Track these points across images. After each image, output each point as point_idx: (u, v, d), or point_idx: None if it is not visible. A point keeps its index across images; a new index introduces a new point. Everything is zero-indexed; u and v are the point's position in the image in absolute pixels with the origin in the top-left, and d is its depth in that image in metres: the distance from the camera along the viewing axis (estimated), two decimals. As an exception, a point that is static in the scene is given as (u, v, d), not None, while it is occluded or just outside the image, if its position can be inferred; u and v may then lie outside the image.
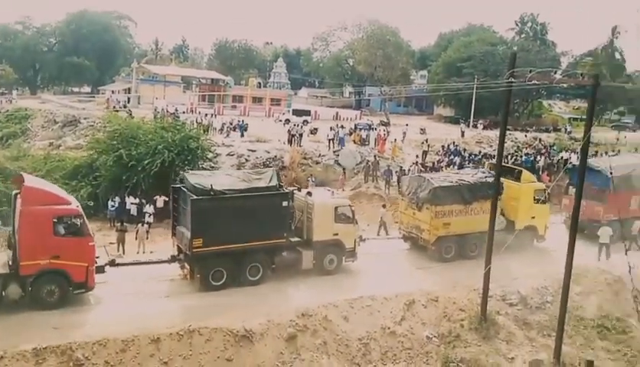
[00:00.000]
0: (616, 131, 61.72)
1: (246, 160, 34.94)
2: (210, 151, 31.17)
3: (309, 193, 21.14)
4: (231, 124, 44.20)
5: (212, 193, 18.32)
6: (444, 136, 47.81)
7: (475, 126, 57.38)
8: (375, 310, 17.79)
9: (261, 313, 16.59)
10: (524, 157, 39.41)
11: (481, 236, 20.43)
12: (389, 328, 17.33)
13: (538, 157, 40.67)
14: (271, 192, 19.15)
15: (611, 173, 26.00)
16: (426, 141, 42.38)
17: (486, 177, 24.02)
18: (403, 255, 23.83)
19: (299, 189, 22.00)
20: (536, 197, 24.76)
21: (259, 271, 19.20)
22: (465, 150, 41.56)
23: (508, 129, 49.90)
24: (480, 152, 40.56)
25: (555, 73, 15.91)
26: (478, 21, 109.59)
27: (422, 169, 34.74)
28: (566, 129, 61.23)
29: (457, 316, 18.26)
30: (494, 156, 22.82)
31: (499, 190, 21.09)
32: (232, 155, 35.16)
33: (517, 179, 24.91)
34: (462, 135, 49.40)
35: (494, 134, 45.68)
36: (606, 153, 41.54)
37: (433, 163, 36.81)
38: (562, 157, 41.27)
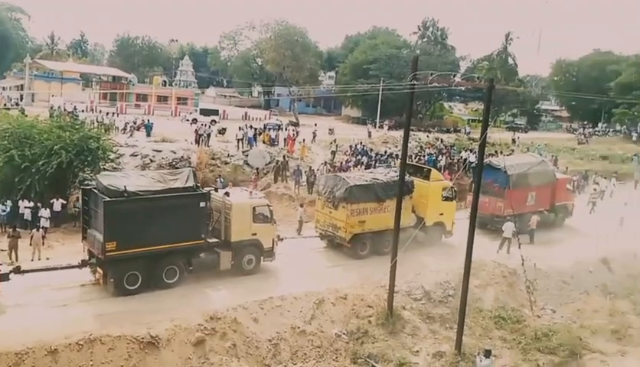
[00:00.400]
0: (511, 132, 65.71)
1: (151, 160, 33.84)
2: (112, 152, 29.90)
3: (227, 194, 20.97)
4: (135, 123, 42.62)
5: (126, 194, 17.69)
6: (352, 136, 48.72)
7: (381, 127, 58.97)
8: (285, 310, 17.80)
9: (171, 317, 16.13)
10: (426, 157, 40.97)
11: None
12: (299, 327, 17.40)
13: (440, 157, 42.45)
14: (188, 193, 18.85)
15: (505, 170, 27.87)
16: (335, 141, 43.01)
17: (398, 175, 24.59)
18: (319, 254, 24.10)
19: (216, 190, 21.73)
20: (444, 195, 25.88)
21: (176, 274, 18.86)
22: (371, 150, 42.57)
23: (412, 130, 52.39)
24: (386, 152, 41.72)
25: (454, 76, 16.63)
26: (383, 24, 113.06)
27: (331, 169, 35.22)
28: (465, 130, 64.31)
29: (365, 313, 18.65)
30: (400, 156, 23.82)
31: (405, 189, 21.93)
32: (136, 156, 33.91)
33: (427, 178, 25.89)
34: (369, 136, 50.50)
35: (400, 134, 47.19)
36: (502, 153, 44.06)
37: (341, 163, 37.43)
38: (461, 157, 43.34)
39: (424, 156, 41.91)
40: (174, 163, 33.83)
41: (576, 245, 27.05)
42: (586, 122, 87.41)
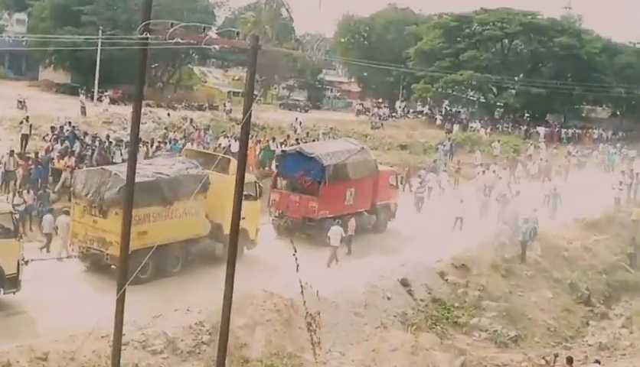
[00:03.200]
0: (287, 111, 69.13)
1: None
2: None
3: None
4: None
5: None
6: (56, 113, 47.11)
7: (101, 99, 57.48)
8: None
9: None
10: (169, 145, 40.99)
11: (185, 246, 24.12)
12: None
13: (190, 145, 42.76)
14: None
15: (319, 160, 29.79)
16: (27, 119, 40.88)
17: (188, 168, 25.59)
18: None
19: None
20: (245, 193, 26.24)
21: None
22: (86, 134, 41.35)
23: (148, 105, 52.11)
24: (109, 137, 40.78)
25: (206, 29, 16.79)
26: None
27: (21, 161, 33.54)
28: (225, 107, 65.83)
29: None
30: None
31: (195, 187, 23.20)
32: None
33: (224, 170, 26.28)
34: (84, 112, 49.13)
35: (129, 111, 46.52)
36: (274, 140, 45.98)
37: (37, 153, 35.69)
38: (219, 144, 44.23)
39: (166, 143, 41.85)
40: None
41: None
42: (380, 100, 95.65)
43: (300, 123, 60.64)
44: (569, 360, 21.60)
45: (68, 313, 20.81)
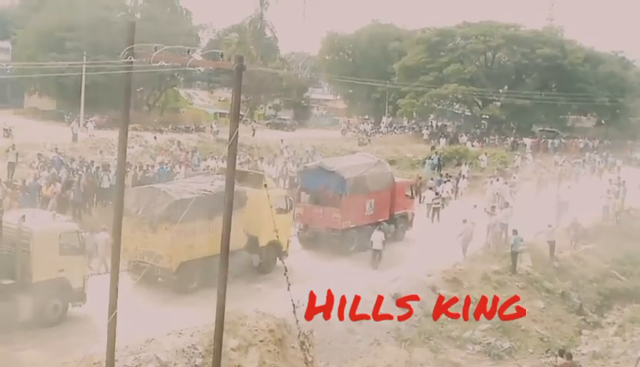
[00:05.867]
0: (275, 129, 69.21)
1: None
2: None
3: (23, 217, 21.83)
4: None
5: None
6: (42, 140, 47.18)
7: (85, 125, 57.44)
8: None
9: None
10: (157, 168, 40.95)
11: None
12: None
13: (177, 167, 42.75)
14: None
15: (340, 173, 31.98)
16: (13, 147, 40.82)
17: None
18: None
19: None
20: (278, 206, 28.54)
21: None
22: (73, 160, 41.29)
23: (135, 129, 52.30)
24: (93, 162, 40.64)
25: (190, 51, 16.88)
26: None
27: (9, 189, 33.41)
28: (212, 128, 65.86)
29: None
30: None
31: (236, 202, 23.35)
32: None
33: (257, 186, 28.12)
34: (75, 139, 49.28)
35: (116, 135, 46.50)
36: (262, 159, 46.02)
37: (24, 181, 35.59)
38: (208, 166, 44.23)
39: (153, 166, 41.80)
40: None
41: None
42: (367, 116, 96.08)
43: (286, 147, 60.15)
44: (568, 356, 21.72)
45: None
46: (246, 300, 23.39)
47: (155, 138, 54.62)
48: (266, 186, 27.55)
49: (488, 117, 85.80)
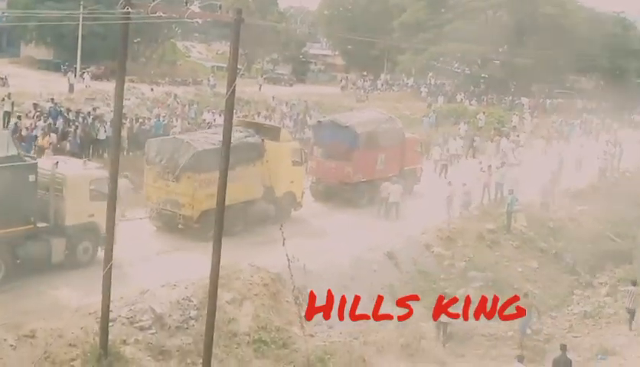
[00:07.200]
0: (272, 84, 68.90)
1: None
2: None
3: (57, 163, 22.56)
4: None
5: None
6: (39, 89, 46.93)
7: (82, 75, 57.14)
8: None
9: None
10: (153, 120, 40.80)
11: (245, 207, 26.99)
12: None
13: (174, 121, 42.62)
14: (11, 163, 20.38)
15: (353, 128, 32.65)
16: (9, 96, 40.64)
17: (247, 136, 28.05)
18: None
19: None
20: (293, 159, 29.72)
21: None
22: (69, 110, 41.08)
23: (132, 81, 51.82)
24: (89, 113, 40.49)
25: (187, 3, 16.69)
26: None
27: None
28: (209, 81, 65.55)
29: (65, 356, 18.03)
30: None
31: (254, 154, 27.12)
32: None
33: (275, 138, 29.49)
34: (71, 90, 49.14)
35: (112, 87, 46.27)
36: (259, 114, 45.88)
37: (20, 130, 35.47)
38: (204, 119, 44.08)
39: (149, 119, 41.65)
40: None
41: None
42: (365, 73, 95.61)
43: (286, 103, 59.77)
44: (563, 347, 21.71)
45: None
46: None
47: (152, 90, 54.35)
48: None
49: (487, 76, 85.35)
